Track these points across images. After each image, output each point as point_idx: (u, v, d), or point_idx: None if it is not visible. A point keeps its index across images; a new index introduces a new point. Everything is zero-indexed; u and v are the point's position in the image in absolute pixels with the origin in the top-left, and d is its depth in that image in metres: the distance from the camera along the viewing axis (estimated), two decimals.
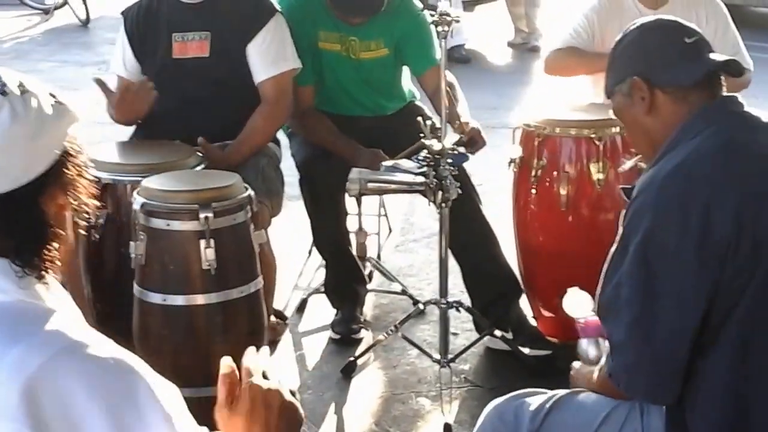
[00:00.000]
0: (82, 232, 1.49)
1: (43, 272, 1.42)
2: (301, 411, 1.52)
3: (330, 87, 3.82)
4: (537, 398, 2.16)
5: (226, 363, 1.48)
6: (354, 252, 3.80)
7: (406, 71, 3.95)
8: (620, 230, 1.98)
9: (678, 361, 1.91)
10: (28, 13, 10.36)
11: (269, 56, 3.48)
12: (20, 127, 1.37)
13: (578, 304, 2.28)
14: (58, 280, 1.47)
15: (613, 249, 1.98)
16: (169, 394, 1.41)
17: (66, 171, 1.43)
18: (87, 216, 1.49)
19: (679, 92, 2.04)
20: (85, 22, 9.84)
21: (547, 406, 2.12)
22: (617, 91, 2.12)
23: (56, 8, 10.26)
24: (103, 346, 1.37)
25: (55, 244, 1.43)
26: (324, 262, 3.89)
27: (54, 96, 1.43)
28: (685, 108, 2.03)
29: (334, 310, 3.84)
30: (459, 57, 7.80)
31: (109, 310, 3.06)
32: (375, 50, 3.80)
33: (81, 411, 1.31)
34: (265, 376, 1.49)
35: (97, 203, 1.52)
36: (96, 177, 1.85)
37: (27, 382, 1.29)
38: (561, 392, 2.16)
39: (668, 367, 1.92)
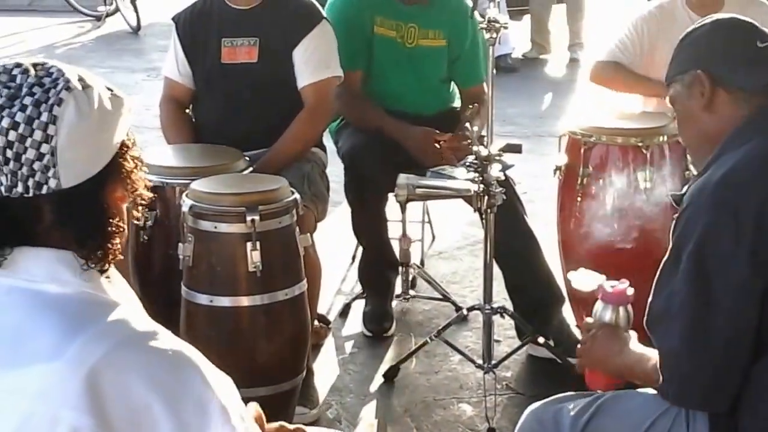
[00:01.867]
0: (138, 222, 1.53)
1: (106, 265, 1.45)
2: None
3: (377, 77, 3.85)
4: (577, 402, 2.14)
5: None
6: (400, 256, 3.84)
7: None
8: (671, 239, 1.96)
9: (736, 368, 1.89)
10: (80, 20, 10.50)
11: (312, 62, 3.51)
12: (85, 122, 1.40)
13: (587, 280, 2.25)
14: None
15: (665, 258, 1.96)
16: (225, 386, 1.43)
17: (124, 163, 1.47)
18: (143, 208, 1.53)
19: (740, 94, 2.02)
20: (136, 29, 9.96)
21: (590, 411, 2.10)
22: (678, 80, 2.10)
23: (108, 15, 10.40)
24: (163, 337, 1.39)
25: (117, 237, 1.46)
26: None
27: (110, 89, 1.46)
28: (743, 112, 2.01)
29: (364, 300, 3.90)
30: (506, 66, 7.80)
31: (157, 310, 3.09)
32: (433, 39, 3.86)
33: (142, 401, 1.34)
34: None
35: (151, 194, 1.55)
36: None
37: (89, 371, 1.32)
38: (603, 396, 2.13)
39: (725, 374, 1.89)
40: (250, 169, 3.26)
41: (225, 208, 2.86)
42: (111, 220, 1.45)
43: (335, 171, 3.84)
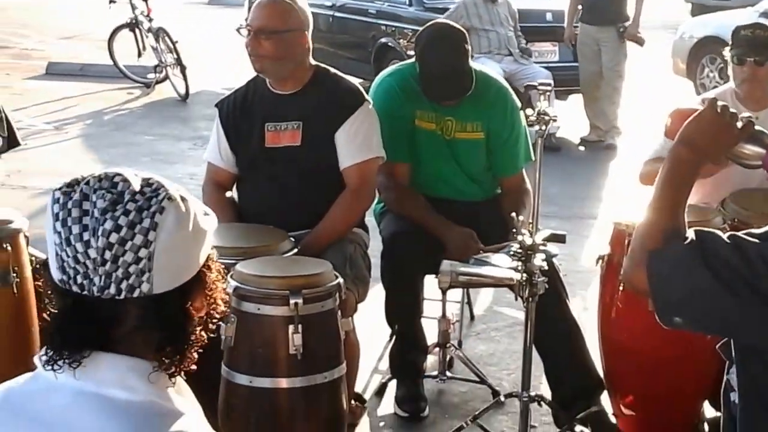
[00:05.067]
0: (212, 335, 1.55)
1: (176, 374, 1.48)
2: None
3: (423, 167, 3.91)
4: None
5: None
6: (438, 337, 3.85)
7: None
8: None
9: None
10: (129, 86, 10.70)
11: (355, 143, 3.55)
12: (182, 231, 1.44)
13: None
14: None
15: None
16: None
17: (209, 275, 1.51)
18: (219, 318, 1.55)
19: None
20: (184, 97, 10.13)
21: None
22: None
23: (157, 82, 10.59)
24: None
25: (196, 346, 1.50)
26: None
27: (203, 207, 1.51)
28: None
29: (396, 382, 3.90)
30: (549, 145, 7.82)
31: (197, 389, 3.12)
32: (471, 132, 3.90)
33: None
34: None
35: (226, 309, 1.58)
36: None
37: None
38: None
39: None
40: (295, 250, 3.30)
41: (269, 291, 2.90)
42: (193, 329, 1.49)
43: (376, 247, 3.87)
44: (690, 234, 1.90)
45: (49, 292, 1.47)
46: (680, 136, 2.02)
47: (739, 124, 2.02)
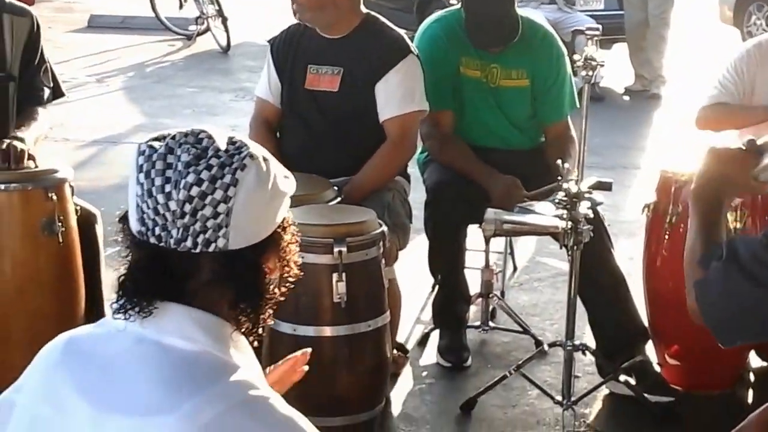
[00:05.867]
0: (282, 298, 1.55)
1: (252, 332, 1.50)
2: None
3: (467, 115, 3.88)
4: None
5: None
6: (481, 287, 3.85)
7: None
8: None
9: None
10: (171, 38, 10.72)
11: (397, 96, 3.53)
12: (261, 190, 1.46)
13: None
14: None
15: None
16: None
17: (284, 236, 1.52)
18: (293, 279, 1.56)
19: None
20: (226, 49, 10.13)
21: None
22: None
23: (199, 34, 10.59)
24: (276, 406, 1.41)
25: (271, 304, 1.51)
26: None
27: (283, 169, 1.52)
28: None
29: (438, 332, 3.91)
30: (593, 95, 7.71)
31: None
32: (516, 79, 3.87)
33: None
34: None
35: (299, 273, 1.58)
36: None
37: (200, 430, 1.35)
38: None
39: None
40: (338, 199, 3.30)
41: (313, 239, 2.90)
42: (266, 288, 1.50)
43: (419, 198, 3.86)
44: (724, 247, 1.86)
45: (127, 244, 1.49)
46: (696, 195, 2.00)
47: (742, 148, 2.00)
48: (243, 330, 1.49)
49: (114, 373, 1.43)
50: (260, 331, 1.53)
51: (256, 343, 1.55)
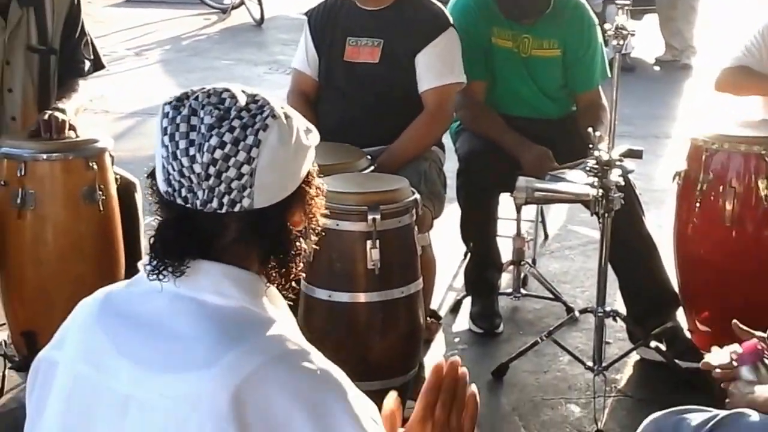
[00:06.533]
0: (312, 248, 1.58)
1: (284, 285, 1.53)
2: None
3: (499, 85, 3.91)
4: (698, 416, 2.10)
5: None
6: (512, 255, 3.88)
7: None
8: None
9: None
10: (206, 12, 10.78)
11: (436, 67, 3.56)
12: (284, 148, 1.47)
13: (719, 356, 2.24)
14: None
15: None
16: (368, 411, 1.45)
17: (309, 190, 1.54)
18: (318, 232, 1.58)
19: None
20: (260, 22, 10.17)
21: (710, 425, 2.06)
22: None
23: (233, 8, 10.64)
24: (313, 358, 1.43)
25: (299, 258, 1.54)
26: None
27: (305, 123, 1.54)
28: None
29: (470, 299, 3.96)
30: (624, 65, 7.69)
31: None
32: (547, 49, 3.89)
33: (282, 420, 1.38)
34: None
35: (325, 220, 1.61)
36: None
37: (239, 384, 1.37)
38: (724, 412, 2.09)
39: None
40: (372, 168, 3.35)
41: (347, 207, 2.94)
42: (293, 242, 1.52)
43: (452, 167, 3.90)
44: None
45: (156, 200, 1.51)
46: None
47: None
48: (275, 285, 1.52)
49: (152, 331, 1.45)
50: (292, 285, 1.55)
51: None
